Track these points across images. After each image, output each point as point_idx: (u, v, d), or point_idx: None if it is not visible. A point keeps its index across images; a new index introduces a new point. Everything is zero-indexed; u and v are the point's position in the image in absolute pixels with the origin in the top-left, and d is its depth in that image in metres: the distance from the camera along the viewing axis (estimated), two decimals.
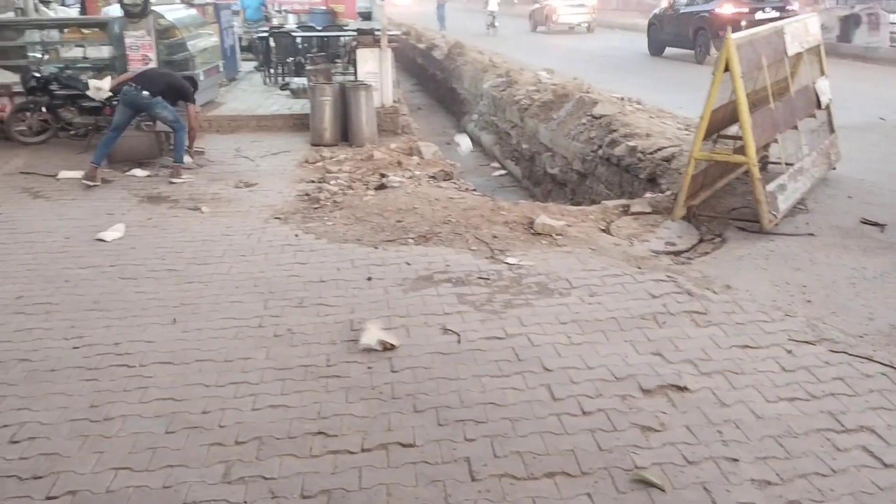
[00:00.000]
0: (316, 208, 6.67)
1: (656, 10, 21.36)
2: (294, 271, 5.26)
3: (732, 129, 6.54)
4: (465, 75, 17.33)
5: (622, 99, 10.88)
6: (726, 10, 17.46)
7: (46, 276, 5.21)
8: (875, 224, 5.86)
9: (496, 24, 28.76)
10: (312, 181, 7.58)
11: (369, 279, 5.09)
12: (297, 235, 5.99)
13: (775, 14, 16.74)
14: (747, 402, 3.54)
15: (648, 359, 3.95)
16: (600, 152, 9.08)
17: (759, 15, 17.17)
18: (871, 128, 9.49)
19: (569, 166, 10.06)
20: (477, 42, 21.86)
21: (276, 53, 13.25)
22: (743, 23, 15.49)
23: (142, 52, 9.15)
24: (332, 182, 7.47)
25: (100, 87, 8.20)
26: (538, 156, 11.34)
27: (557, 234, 5.88)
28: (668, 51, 19.90)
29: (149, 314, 4.59)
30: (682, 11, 19.13)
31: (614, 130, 9.02)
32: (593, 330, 4.30)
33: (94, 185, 7.42)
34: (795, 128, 6.58)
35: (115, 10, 10.84)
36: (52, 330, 4.39)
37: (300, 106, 10.70)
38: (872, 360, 3.89)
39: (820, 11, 16.10)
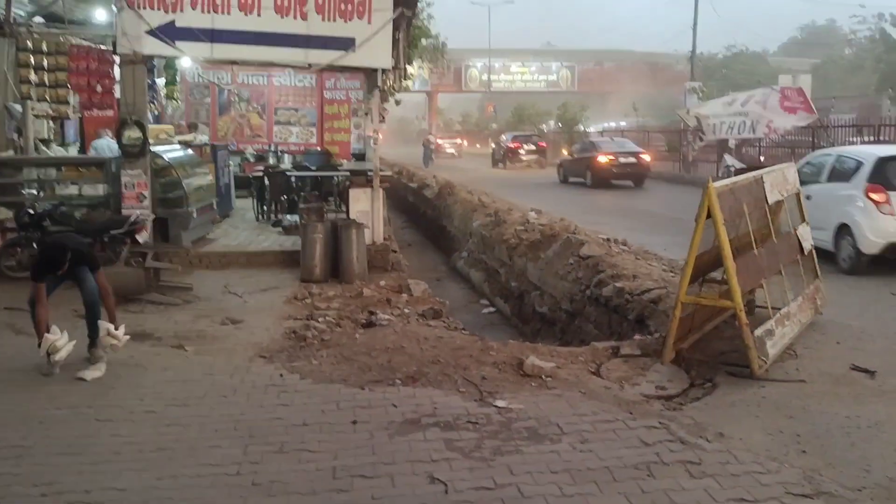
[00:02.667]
0: (302, 346, 6.60)
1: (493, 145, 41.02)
2: (277, 413, 5.12)
3: (719, 272, 6.62)
4: (455, 214, 17.74)
5: (608, 240, 11.09)
6: (512, 144, 36.93)
7: (21, 416, 5.04)
8: (865, 371, 5.82)
9: (433, 157, 41.01)
10: (300, 318, 7.55)
11: (354, 422, 4.96)
12: (281, 375, 5.88)
13: (533, 147, 36.40)
14: None
15: None
16: (588, 292, 9.15)
17: (525, 147, 36.78)
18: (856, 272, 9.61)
19: (557, 305, 10.11)
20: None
21: (270, 191, 13.56)
22: (521, 150, 36.46)
23: (137, 190, 9.34)
24: (320, 319, 7.43)
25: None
26: (527, 294, 11.42)
27: (547, 376, 5.81)
28: (499, 165, 37.44)
29: (123, 459, 4.41)
30: (501, 145, 38.12)
31: (601, 271, 9.14)
32: (586, 480, 4.15)
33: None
34: (780, 273, 6.67)
35: (104, 143, 11.27)
36: (20, 476, 4.20)
37: (291, 242, 10.83)
38: None
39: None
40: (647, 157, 24.85)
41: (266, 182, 13.71)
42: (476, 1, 59.28)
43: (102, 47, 11.01)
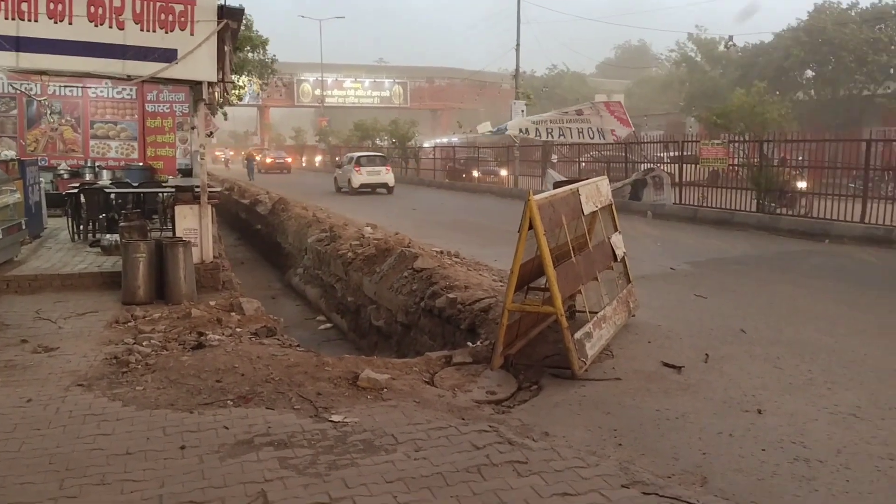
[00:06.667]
0: (125, 372, 6.25)
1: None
2: (97, 444, 4.81)
3: (542, 281, 6.99)
4: (290, 230, 17.47)
5: (441, 253, 11.36)
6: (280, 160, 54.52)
7: None
8: (673, 366, 6.37)
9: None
10: (122, 343, 7.14)
11: (183, 447, 4.76)
12: (95, 404, 5.53)
13: (282, 161, 53.61)
14: None
15: None
16: (423, 304, 9.33)
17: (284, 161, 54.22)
18: (664, 277, 10.50)
19: (393, 318, 10.22)
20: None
21: (86, 210, 12.73)
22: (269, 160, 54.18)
23: None
24: (144, 343, 7.07)
25: None
26: (363, 308, 11.45)
27: (382, 388, 5.87)
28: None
29: None
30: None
31: (435, 283, 9.35)
32: (419, 487, 4.23)
33: None
34: (596, 279, 7.15)
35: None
36: None
37: (111, 263, 10.23)
38: (680, 500, 4.10)
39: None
40: (289, 160, 55.04)
41: (82, 200, 12.85)
42: (306, 15, 59.40)
43: None
